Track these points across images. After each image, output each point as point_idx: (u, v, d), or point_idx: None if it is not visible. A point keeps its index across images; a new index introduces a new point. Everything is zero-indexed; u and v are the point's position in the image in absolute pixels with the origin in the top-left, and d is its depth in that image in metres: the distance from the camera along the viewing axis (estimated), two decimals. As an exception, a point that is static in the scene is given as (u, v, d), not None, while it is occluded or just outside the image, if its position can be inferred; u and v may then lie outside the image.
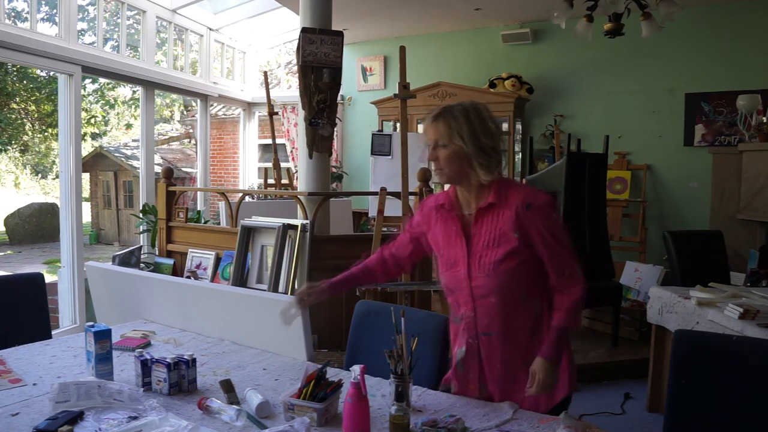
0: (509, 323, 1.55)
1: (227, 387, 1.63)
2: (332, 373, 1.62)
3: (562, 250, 1.53)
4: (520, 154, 6.11)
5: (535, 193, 1.57)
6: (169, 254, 4.35)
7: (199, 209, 5.87)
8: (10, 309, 2.32)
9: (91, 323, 1.80)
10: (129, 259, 4.34)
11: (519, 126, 6.08)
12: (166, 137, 13.28)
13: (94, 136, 14.34)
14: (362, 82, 7.04)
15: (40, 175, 16.80)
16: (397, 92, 3.52)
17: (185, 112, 12.95)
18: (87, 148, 13.61)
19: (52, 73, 9.76)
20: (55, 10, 7.89)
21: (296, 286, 3.49)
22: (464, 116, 1.54)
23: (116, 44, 7.26)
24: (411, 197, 3.64)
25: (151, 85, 5.46)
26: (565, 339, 1.54)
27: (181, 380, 1.64)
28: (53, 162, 15.04)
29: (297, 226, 3.55)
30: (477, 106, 1.57)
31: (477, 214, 1.58)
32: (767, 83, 5.08)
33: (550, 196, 1.57)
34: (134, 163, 12.38)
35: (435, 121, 1.56)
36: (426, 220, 1.72)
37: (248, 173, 7.69)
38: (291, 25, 6.61)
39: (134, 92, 12.54)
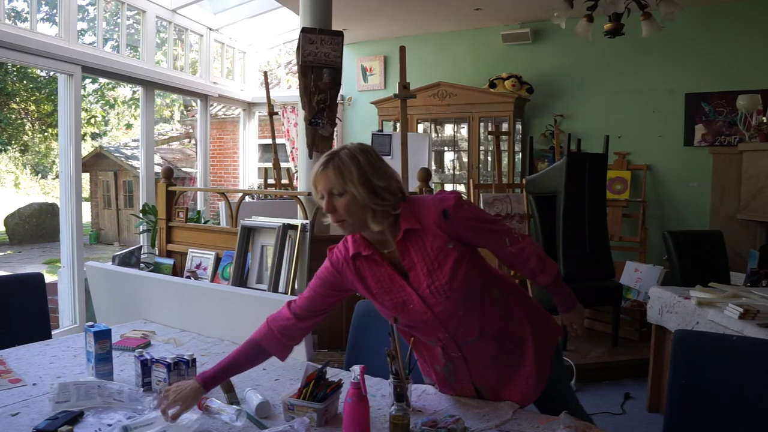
0: (482, 323, 1.52)
1: (227, 387, 1.62)
2: (332, 373, 1.62)
3: (493, 227, 1.53)
4: (520, 154, 6.11)
5: (441, 199, 1.48)
6: (169, 254, 4.35)
7: (199, 209, 5.87)
8: (10, 309, 2.32)
9: (91, 323, 1.80)
10: (129, 259, 4.34)
11: (519, 126, 6.08)
12: (166, 137, 13.28)
13: (94, 136, 14.34)
14: (362, 82, 7.04)
15: (40, 175, 16.80)
16: (397, 92, 3.52)
17: (185, 112, 12.96)
18: (87, 148, 13.61)
19: (52, 73, 9.76)
20: (55, 10, 7.89)
21: (296, 286, 3.49)
22: (352, 160, 1.42)
23: (116, 44, 7.26)
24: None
25: (151, 85, 5.46)
26: (561, 284, 1.62)
27: (181, 380, 1.64)
28: (53, 162, 15.04)
29: (297, 226, 3.55)
30: (364, 147, 1.47)
31: (399, 246, 1.47)
32: (767, 83, 5.08)
33: (455, 191, 1.51)
34: (134, 163, 12.39)
35: (324, 170, 1.44)
36: (341, 274, 1.56)
37: (248, 173, 7.69)
38: (291, 25, 6.62)
39: (134, 92, 12.54)
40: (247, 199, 5.02)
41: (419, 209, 1.47)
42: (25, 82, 12.41)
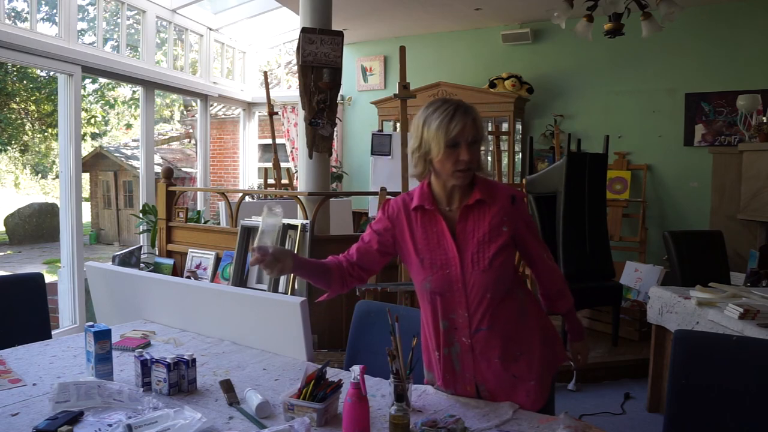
0: (499, 316, 1.54)
1: (227, 387, 1.63)
2: (332, 373, 1.62)
3: (539, 235, 1.65)
4: (520, 154, 6.11)
5: (514, 188, 1.64)
6: (169, 254, 4.35)
7: (199, 209, 5.88)
8: (10, 309, 2.31)
9: (91, 323, 1.80)
10: (129, 259, 4.34)
11: (519, 126, 6.08)
12: (166, 137, 13.28)
13: (94, 136, 14.33)
14: (362, 82, 7.04)
15: (40, 175, 16.79)
16: (397, 92, 3.51)
17: (185, 112, 12.95)
18: (87, 148, 13.60)
19: (52, 73, 9.76)
20: (55, 10, 7.89)
21: (296, 286, 3.49)
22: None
23: (116, 44, 7.26)
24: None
25: (151, 85, 5.46)
26: (576, 314, 1.73)
27: (180, 380, 1.64)
28: (53, 162, 15.04)
29: (297, 226, 3.55)
30: None
31: (463, 210, 1.55)
32: (767, 83, 5.08)
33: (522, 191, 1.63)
34: (134, 163, 12.38)
35: (467, 118, 1.48)
36: (394, 225, 1.62)
37: (248, 173, 7.69)
38: (291, 25, 6.62)
39: (134, 92, 12.54)
40: (247, 199, 5.02)
41: (492, 186, 1.58)
42: (25, 82, 12.41)
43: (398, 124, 5.39)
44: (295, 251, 3.49)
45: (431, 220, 1.58)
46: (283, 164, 5.54)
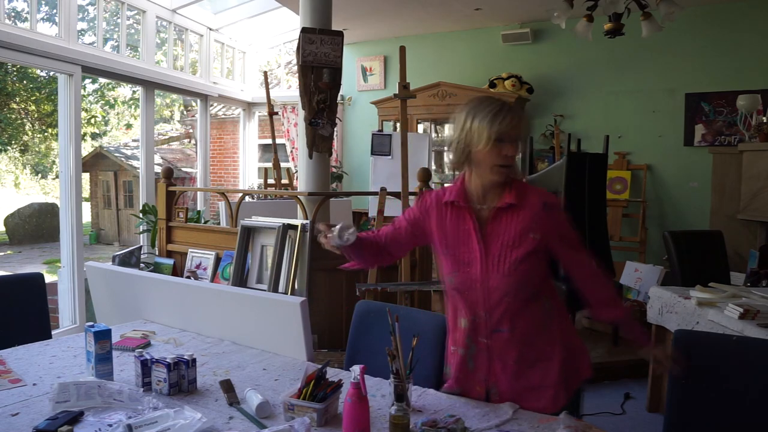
0: (520, 321, 1.55)
1: (227, 387, 1.63)
2: (332, 373, 1.62)
3: (579, 242, 1.60)
4: (520, 154, 6.10)
5: (549, 195, 1.60)
6: (169, 254, 4.35)
7: (199, 209, 5.87)
8: (10, 309, 2.32)
9: (91, 323, 1.80)
10: (129, 259, 4.34)
11: (519, 126, 6.07)
12: (166, 137, 13.28)
13: (94, 136, 14.33)
14: (362, 82, 7.04)
15: (40, 175, 16.79)
16: (397, 92, 3.51)
17: (185, 112, 12.95)
18: (87, 148, 13.60)
19: (52, 73, 9.76)
20: (55, 10, 7.89)
21: (296, 286, 3.49)
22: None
23: (116, 44, 7.26)
24: (411, 197, 3.64)
25: (151, 85, 5.46)
26: (634, 319, 1.66)
27: (181, 380, 1.64)
28: (53, 162, 15.04)
29: (297, 226, 3.55)
30: None
31: (494, 212, 1.56)
32: (767, 83, 5.08)
33: (558, 197, 1.61)
34: (134, 163, 12.38)
35: (517, 114, 1.53)
36: (426, 217, 1.66)
37: (248, 173, 7.69)
38: (291, 25, 6.62)
39: (134, 92, 12.54)
40: (247, 199, 5.02)
41: (526, 190, 1.58)
42: (25, 82, 12.40)
43: (398, 124, 5.39)
44: (295, 251, 3.50)
45: (462, 216, 1.59)
46: (283, 164, 5.54)
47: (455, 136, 1.57)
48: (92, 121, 13.22)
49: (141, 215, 4.99)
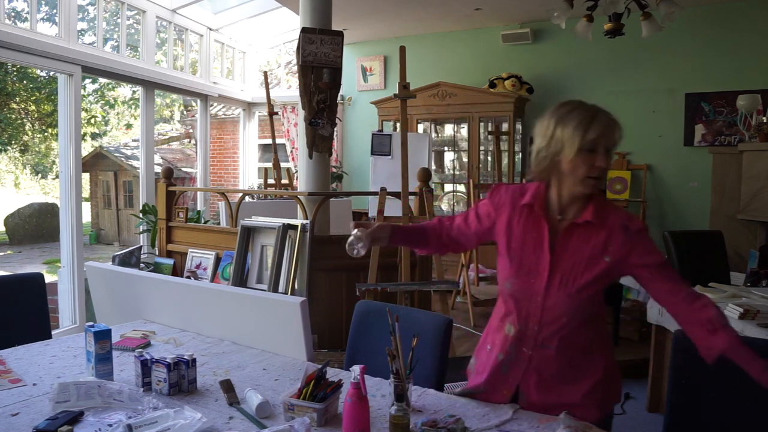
0: (569, 342, 1.48)
1: (227, 387, 1.63)
2: (332, 373, 1.62)
3: (667, 263, 1.46)
4: (520, 154, 6.11)
5: (632, 216, 1.47)
6: (169, 254, 4.35)
7: (199, 209, 5.88)
8: (10, 309, 2.31)
9: (91, 323, 1.80)
10: (129, 259, 4.34)
11: (519, 126, 6.08)
12: (166, 137, 13.28)
13: (94, 136, 14.33)
14: (362, 82, 7.04)
15: (40, 175, 16.79)
16: (397, 92, 3.51)
17: (185, 112, 12.95)
18: (87, 148, 13.60)
19: (52, 73, 9.76)
20: (55, 10, 7.89)
21: (296, 286, 3.49)
22: None
23: (116, 44, 7.26)
24: (411, 197, 3.64)
25: (151, 85, 5.46)
26: (743, 344, 1.37)
27: (181, 380, 1.64)
28: (53, 162, 15.03)
29: (297, 226, 3.55)
30: None
31: (570, 226, 1.46)
32: (767, 83, 5.08)
33: (643, 221, 1.48)
34: (134, 163, 12.38)
35: (611, 122, 1.41)
36: (497, 214, 1.56)
37: (248, 173, 7.69)
38: (291, 25, 6.62)
39: (134, 92, 12.54)
40: (247, 199, 5.02)
41: (607, 208, 1.47)
42: (25, 82, 12.40)
43: (398, 124, 5.40)
44: (295, 251, 3.50)
45: (535, 223, 1.49)
46: (283, 164, 5.54)
47: (540, 144, 1.46)
48: (92, 121, 13.22)
49: (141, 215, 5.00)
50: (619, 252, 1.42)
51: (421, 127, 6.25)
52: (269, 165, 5.57)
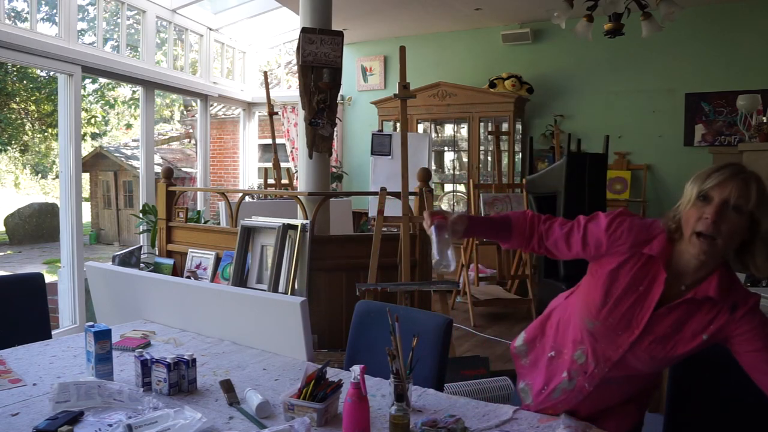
0: (630, 386, 1.49)
1: (227, 387, 1.63)
2: (332, 373, 1.62)
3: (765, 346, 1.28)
4: (520, 154, 6.11)
5: (750, 294, 1.31)
6: (169, 254, 4.35)
7: (199, 209, 5.88)
8: (10, 309, 2.31)
9: (91, 323, 1.80)
10: (129, 259, 4.34)
11: (519, 126, 6.08)
12: (166, 137, 13.28)
13: (94, 136, 14.33)
14: (362, 82, 7.04)
15: (40, 175, 16.78)
16: (397, 92, 3.51)
17: (185, 112, 12.95)
18: (87, 148, 13.60)
19: (52, 73, 9.76)
20: (55, 10, 7.89)
21: (296, 286, 3.49)
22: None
23: (116, 44, 7.26)
24: (411, 197, 3.64)
25: (151, 85, 5.46)
26: None
27: (181, 380, 1.64)
28: (53, 162, 15.03)
29: (297, 226, 3.54)
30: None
31: (685, 300, 1.30)
32: (767, 83, 5.08)
33: (757, 295, 1.31)
34: (134, 163, 12.38)
35: (744, 177, 1.21)
36: (609, 251, 1.38)
37: (248, 173, 7.69)
38: (291, 25, 6.62)
39: (134, 92, 12.54)
40: (247, 199, 5.02)
41: (732, 287, 1.31)
42: (25, 82, 12.40)
43: (398, 124, 5.40)
44: (295, 251, 3.50)
45: (651, 276, 1.33)
46: (283, 164, 5.54)
47: (679, 203, 1.34)
48: (92, 121, 13.22)
49: (141, 215, 5.00)
50: (719, 334, 1.30)
51: (421, 127, 6.25)
52: (269, 165, 5.57)
